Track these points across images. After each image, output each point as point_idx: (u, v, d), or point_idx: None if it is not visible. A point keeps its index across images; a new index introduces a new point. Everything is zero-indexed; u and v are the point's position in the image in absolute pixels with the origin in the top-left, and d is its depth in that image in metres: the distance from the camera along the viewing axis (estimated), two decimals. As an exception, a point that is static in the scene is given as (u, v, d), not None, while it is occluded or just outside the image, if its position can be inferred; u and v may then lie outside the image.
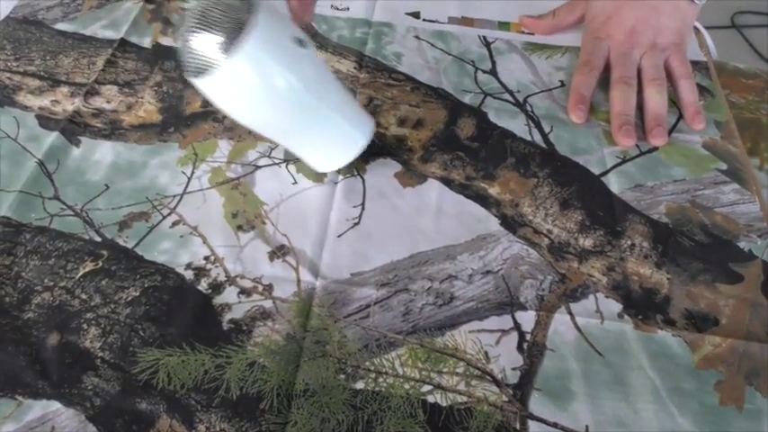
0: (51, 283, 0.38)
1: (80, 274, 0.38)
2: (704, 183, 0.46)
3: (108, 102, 0.48)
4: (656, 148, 0.49)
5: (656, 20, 0.52)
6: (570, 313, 0.38)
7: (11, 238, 0.39)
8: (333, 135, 0.41)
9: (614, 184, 0.46)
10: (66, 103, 0.47)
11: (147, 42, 0.53)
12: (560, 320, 0.38)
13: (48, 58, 0.50)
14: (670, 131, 0.49)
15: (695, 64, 0.55)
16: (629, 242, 0.42)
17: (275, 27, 0.35)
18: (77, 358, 0.35)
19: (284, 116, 0.38)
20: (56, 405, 0.33)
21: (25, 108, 0.47)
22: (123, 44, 0.53)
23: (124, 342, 0.36)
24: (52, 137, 0.45)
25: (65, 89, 0.48)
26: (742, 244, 0.42)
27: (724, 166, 0.47)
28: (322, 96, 0.39)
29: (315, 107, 0.38)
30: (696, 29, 0.57)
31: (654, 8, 0.52)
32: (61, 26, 0.53)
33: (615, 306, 0.39)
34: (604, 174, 0.47)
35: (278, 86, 0.36)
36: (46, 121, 0.46)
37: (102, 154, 0.45)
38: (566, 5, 0.57)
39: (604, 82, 0.52)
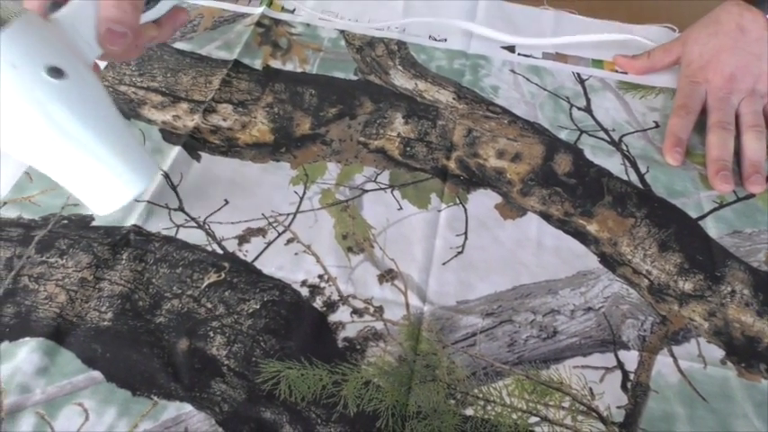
0: (179, 291, 0.40)
1: (205, 284, 0.41)
2: (804, 233, 0.46)
3: (224, 119, 0.51)
4: (753, 195, 0.49)
5: (758, 66, 0.53)
6: (673, 356, 0.39)
7: (142, 246, 0.42)
8: (99, 175, 0.35)
9: (712, 228, 0.46)
10: (186, 118, 0.50)
11: (257, 64, 0.56)
12: (663, 362, 0.39)
13: (168, 75, 0.54)
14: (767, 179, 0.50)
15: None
16: (730, 288, 0.43)
17: (18, 50, 0.31)
18: (206, 364, 0.37)
19: (24, 148, 0.33)
20: (188, 407, 0.35)
21: (149, 121, 0.50)
22: (237, 65, 0.55)
23: (247, 352, 0.38)
24: (175, 151, 0.48)
25: (184, 105, 0.51)
26: (844, 298, 0.43)
27: (823, 218, 0.48)
28: (77, 133, 0.33)
29: (64, 144, 0.33)
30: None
31: (755, 55, 0.53)
32: (179, 45, 0.57)
33: (718, 352, 0.40)
34: (702, 218, 0.47)
35: (6, 114, 0.31)
36: (169, 135, 0.49)
37: (220, 169, 0.47)
38: (662, 47, 0.58)
39: (700, 125, 0.53)
